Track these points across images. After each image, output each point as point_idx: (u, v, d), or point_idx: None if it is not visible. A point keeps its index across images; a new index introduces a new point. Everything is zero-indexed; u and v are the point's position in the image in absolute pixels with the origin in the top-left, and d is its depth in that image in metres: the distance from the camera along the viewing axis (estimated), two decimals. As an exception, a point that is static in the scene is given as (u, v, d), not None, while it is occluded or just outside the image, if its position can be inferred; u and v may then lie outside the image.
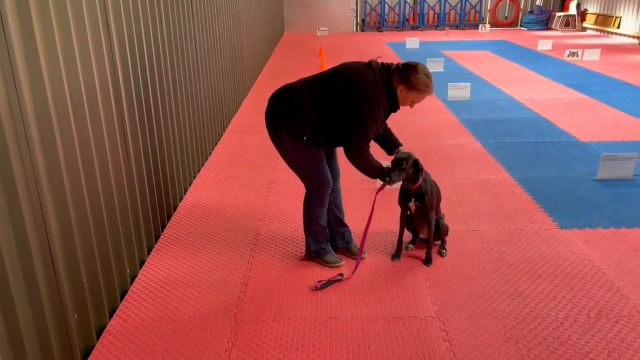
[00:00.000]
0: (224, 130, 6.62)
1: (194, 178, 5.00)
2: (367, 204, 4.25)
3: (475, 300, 3.06)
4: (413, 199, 3.34)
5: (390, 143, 3.35)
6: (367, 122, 2.94)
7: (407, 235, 3.66)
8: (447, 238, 3.63)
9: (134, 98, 3.44)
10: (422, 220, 3.44)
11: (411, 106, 3.13)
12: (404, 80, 2.98)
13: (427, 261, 3.44)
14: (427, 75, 3.00)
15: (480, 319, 2.89)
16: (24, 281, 2.16)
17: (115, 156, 3.10)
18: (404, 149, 3.33)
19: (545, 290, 3.14)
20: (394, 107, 3.08)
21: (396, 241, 3.59)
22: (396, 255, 3.51)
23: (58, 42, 2.44)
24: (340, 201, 3.54)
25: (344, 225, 3.57)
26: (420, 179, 3.27)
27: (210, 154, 5.71)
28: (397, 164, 3.15)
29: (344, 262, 3.45)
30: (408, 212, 3.46)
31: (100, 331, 2.83)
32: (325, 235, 3.45)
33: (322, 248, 3.44)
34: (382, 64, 3.06)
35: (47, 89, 2.33)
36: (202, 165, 5.35)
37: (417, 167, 3.22)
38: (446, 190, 4.58)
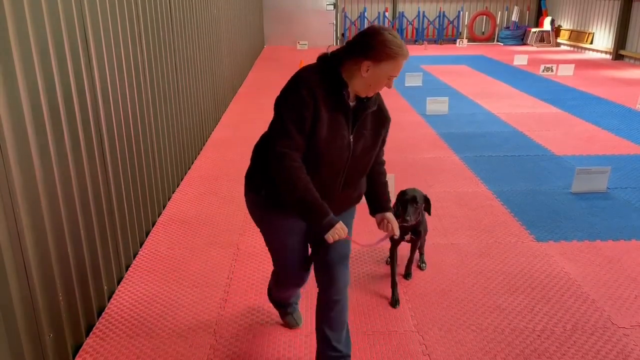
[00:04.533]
0: (204, 144, 6.60)
1: (173, 193, 4.96)
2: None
3: (454, 313, 3.08)
4: (410, 233, 3.15)
5: (376, 200, 2.46)
6: (283, 116, 2.10)
7: (387, 246, 3.68)
8: (425, 251, 3.66)
9: (112, 113, 3.42)
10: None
11: (389, 86, 2.17)
12: (366, 53, 2.08)
13: (407, 275, 3.45)
14: (393, 34, 2.09)
15: (459, 332, 2.91)
16: (-2, 300, 2.12)
17: (93, 172, 3.07)
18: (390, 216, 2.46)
19: (522, 303, 3.18)
20: (342, 106, 2.15)
21: (390, 285, 3.27)
22: (396, 302, 3.15)
23: (36, 60, 2.42)
24: (338, 317, 2.40)
25: (335, 350, 2.42)
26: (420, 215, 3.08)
27: (189, 168, 5.68)
28: (414, 201, 2.93)
29: (301, 324, 2.96)
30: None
31: (76, 350, 2.78)
32: (292, 302, 2.88)
33: (283, 312, 2.95)
34: (332, 52, 2.22)
35: (24, 106, 2.31)
36: (182, 180, 5.31)
37: (428, 203, 3.03)
38: (425, 204, 4.62)
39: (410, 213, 2.92)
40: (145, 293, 3.33)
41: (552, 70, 11.91)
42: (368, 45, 2.08)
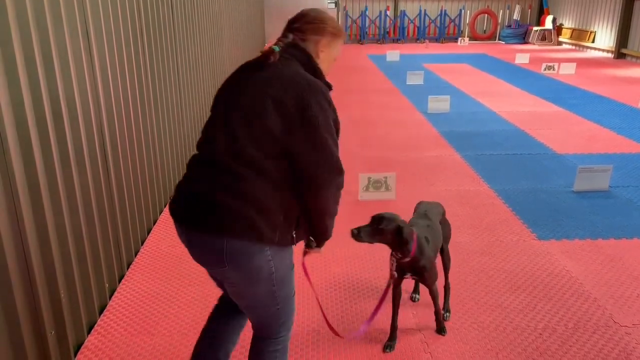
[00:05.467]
0: (205, 142, 6.59)
1: (175, 190, 4.96)
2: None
3: (456, 311, 3.08)
4: (409, 274, 2.68)
5: None
6: (331, 131, 1.82)
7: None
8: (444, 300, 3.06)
9: (114, 111, 3.42)
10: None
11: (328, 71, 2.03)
12: (320, 32, 1.94)
13: (440, 330, 2.88)
14: (322, 11, 2.01)
15: (460, 330, 2.91)
16: (0, 297, 2.12)
17: (95, 170, 3.07)
18: None
19: (524, 302, 3.18)
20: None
21: (389, 327, 2.82)
22: (389, 346, 2.76)
23: (38, 62, 2.42)
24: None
25: None
26: (412, 250, 2.52)
27: (191, 166, 5.67)
28: (376, 221, 2.47)
29: None
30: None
31: (78, 347, 2.78)
32: None
33: None
34: (281, 42, 1.93)
35: (27, 109, 2.31)
36: (183, 178, 5.31)
37: (400, 235, 2.47)
38: (427, 202, 4.62)
39: (361, 230, 2.44)
40: (147, 291, 3.33)
41: (553, 69, 11.90)
42: (321, 23, 1.95)
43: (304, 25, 1.94)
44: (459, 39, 18.99)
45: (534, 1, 19.61)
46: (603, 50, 15.38)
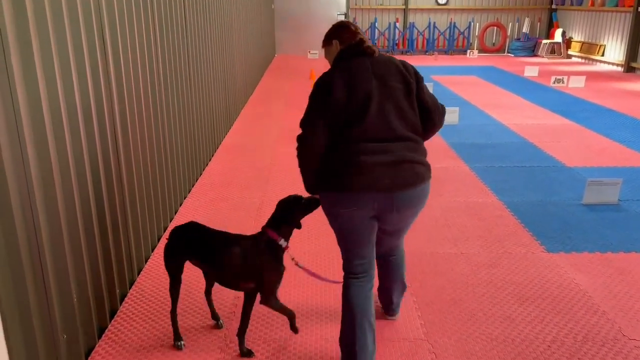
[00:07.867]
0: (215, 151, 6.65)
1: (185, 198, 5.01)
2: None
3: (464, 323, 3.09)
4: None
5: None
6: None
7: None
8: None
9: (128, 120, 3.47)
10: None
11: None
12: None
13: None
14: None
15: (468, 341, 2.91)
16: (15, 300, 2.16)
17: (109, 177, 3.11)
18: None
19: (532, 314, 3.17)
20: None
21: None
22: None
23: (57, 72, 2.47)
24: None
25: None
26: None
27: (201, 174, 5.72)
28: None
29: None
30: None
31: (89, 351, 2.81)
32: None
33: None
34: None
35: (45, 111, 2.36)
36: (193, 186, 5.36)
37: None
38: (435, 213, 4.63)
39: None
40: (156, 296, 3.35)
41: (563, 82, 11.89)
42: None
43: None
44: (468, 51, 19.03)
45: (544, 14, 19.65)
46: (612, 64, 15.35)
